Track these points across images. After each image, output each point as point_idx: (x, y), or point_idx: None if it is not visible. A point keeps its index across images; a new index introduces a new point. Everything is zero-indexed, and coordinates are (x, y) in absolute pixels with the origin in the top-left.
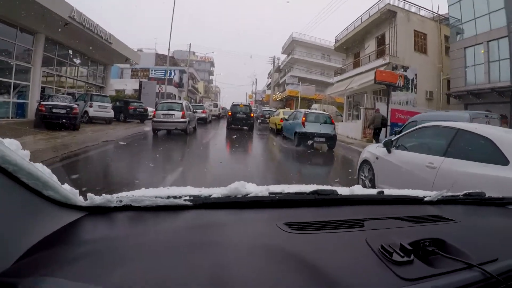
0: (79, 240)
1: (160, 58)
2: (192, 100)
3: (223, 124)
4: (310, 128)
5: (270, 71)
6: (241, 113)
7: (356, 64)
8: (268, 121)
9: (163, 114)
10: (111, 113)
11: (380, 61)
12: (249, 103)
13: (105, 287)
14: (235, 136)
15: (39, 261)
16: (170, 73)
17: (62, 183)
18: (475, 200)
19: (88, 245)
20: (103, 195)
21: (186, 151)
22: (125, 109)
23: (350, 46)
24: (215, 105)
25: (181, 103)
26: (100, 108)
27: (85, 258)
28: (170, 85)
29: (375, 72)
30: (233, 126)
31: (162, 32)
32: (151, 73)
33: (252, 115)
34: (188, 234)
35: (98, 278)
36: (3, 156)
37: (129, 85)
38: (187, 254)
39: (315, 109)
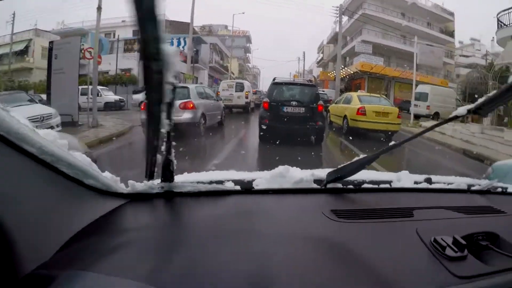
0: (120, 228)
1: (174, 26)
2: (219, 81)
3: (253, 135)
4: None
5: (322, 42)
6: (293, 104)
7: None
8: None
9: None
10: None
11: None
12: (309, 80)
13: (140, 279)
14: None
15: (77, 253)
16: (179, 43)
17: (103, 171)
18: None
19: (129, 233)
20: (144, 181)
21: None
22: None
23: None
24: (239, 87)
25: None
26: None
27: (126, 247)
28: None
29: None
30: (273, 139)
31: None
32: None
33: (320, 108)
34: (232, 221)
35: (136, 270)
36: (41, 147)
37: (115, 63)
38: (231, 241)
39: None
